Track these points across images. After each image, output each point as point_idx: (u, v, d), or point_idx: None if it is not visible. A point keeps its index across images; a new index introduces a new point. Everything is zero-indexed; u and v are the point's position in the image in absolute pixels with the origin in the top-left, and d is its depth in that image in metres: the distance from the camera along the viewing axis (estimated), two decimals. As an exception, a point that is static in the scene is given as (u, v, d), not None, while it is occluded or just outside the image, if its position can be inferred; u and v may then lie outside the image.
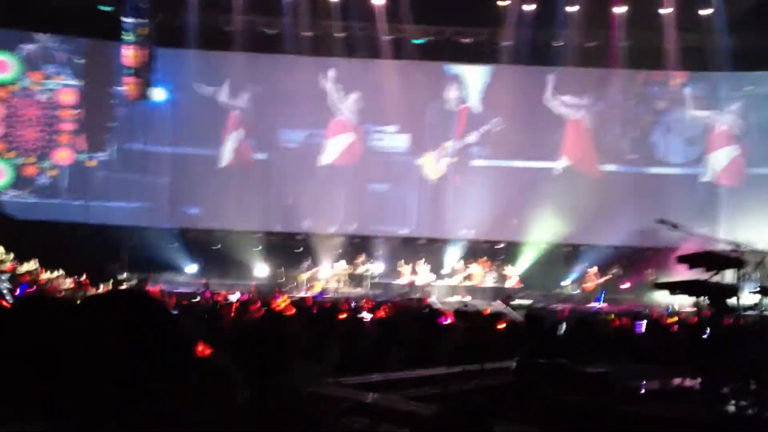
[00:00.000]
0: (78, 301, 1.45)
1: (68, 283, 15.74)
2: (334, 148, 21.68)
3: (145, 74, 19.39)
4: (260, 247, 20.87)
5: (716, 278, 6.16)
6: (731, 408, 4.96)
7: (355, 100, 21.51)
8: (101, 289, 15.10)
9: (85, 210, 20.22)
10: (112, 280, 16.71)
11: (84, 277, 16.23)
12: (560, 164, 21.52)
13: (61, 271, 16.13)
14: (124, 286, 15.58)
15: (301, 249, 20.89)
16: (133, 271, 18.68)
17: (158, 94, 20.69)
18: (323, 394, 4.28)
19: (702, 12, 20.04)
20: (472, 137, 21.52)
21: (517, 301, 17.42)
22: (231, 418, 1.57)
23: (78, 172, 20.57)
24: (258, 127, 21.53)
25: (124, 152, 20.74)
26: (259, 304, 9.44)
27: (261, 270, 20.64)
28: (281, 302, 8.91)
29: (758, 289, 7.47)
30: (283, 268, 20.37)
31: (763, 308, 7.64)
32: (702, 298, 6.02)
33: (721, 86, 21.40)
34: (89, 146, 20.71)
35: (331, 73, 21.45)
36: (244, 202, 20.74)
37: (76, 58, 20.69)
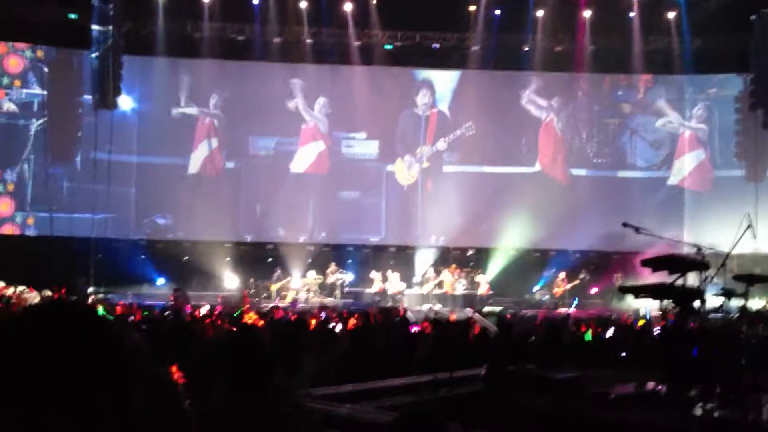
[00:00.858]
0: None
1: (34, 297, 15.41)
2: (303, 157, 21.61)
3: (111, 82, 19.15)
4: (230, 258, 20.71)
5: (680, 281, 6.25)
6: (698, 411, 5.04)
7: (324, 107, 21.48)
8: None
9: (49, 222, 19.91)
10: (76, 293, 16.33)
11: (49, 291, 15.90)
12: (534, 168, 21.66)
13: (24, 287, 15.73)
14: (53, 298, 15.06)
15: (272, 259, 20.77)
16: (100, 284, 18.42)
17: (125, 103, 20.46)
18: (294, 406, 4.27)
19: (667, 16, 20.38)
20: (443, 143, 21.60)
21: (487, 308, 17.47)
22: None
23: (41, 182, 20.26)
24: (227, 135, 21.40)
25: (90, 162, 20.47)
26: (220, 321, 9.32)
27: (231, 281, 20.47)
28: (249, 318, 8.82)
29: (722, 291, 7.57)
30: (253, 279, 20.23)
31: (728, 311, 7.75)
32: (667, 301, 6.09)
33: (686, 89, 21.74)
34: (54, 156, 20.43)
35: (301, 80, 21.42)
36: (213, 211, 20.56)
37: (42, 67, 20.45)
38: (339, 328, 8.69)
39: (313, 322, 9.10)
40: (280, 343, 6.50)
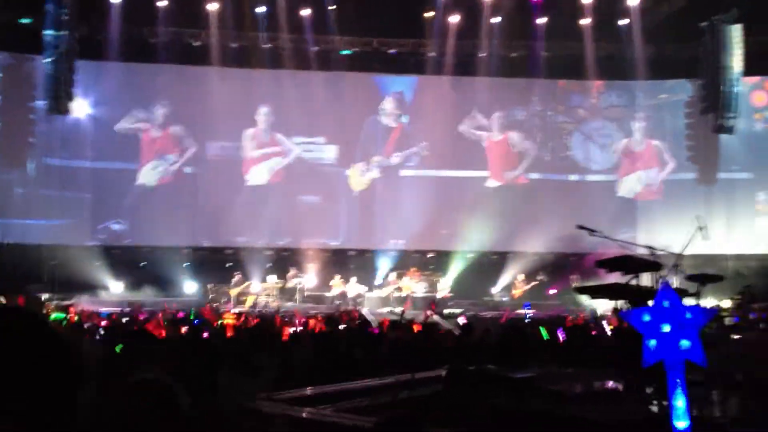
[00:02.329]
0: None
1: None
2: (260, 162, 21.51)
3: (65, 88, 18.84)
4: (188, 263, 20.52)
5: (634, 282, 6.40)
6: (654, 408, 5.16)
7: (279, 113, 21.41)
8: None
9: (3, 228, 19.49)
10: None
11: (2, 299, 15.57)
12: (487, 182, 21.91)
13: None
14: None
15: (231, 264, 20.63)
16: (55, 291, 18.09)
17: (79, 108, 20.14)
18: (256, 411, 4.28)
19: (619, 22, 20.77)
20: (397, 158, 21.72)
21: (447, 311, 17.59)
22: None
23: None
24: (184, 141, 21.19)
25: (44, 168, 20.12)
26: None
27: (190, 286, 20.29)
28: (228, 319, 8.77)
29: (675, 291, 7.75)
30: (212, 284, 20.06)
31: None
32: (621, 301, 6.23)
33: (637, 94, 22.17)
34: (6, 162, 20.03)
35: (258, 85, 21.34)
36: (170, 217, 20.38)
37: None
38: (300, 330, 8.69)
39: (275, 326, 9.09)
40: (242, 346, 6.49)
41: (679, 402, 4.03)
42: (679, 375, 3.95)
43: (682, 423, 4.07)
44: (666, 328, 3.96)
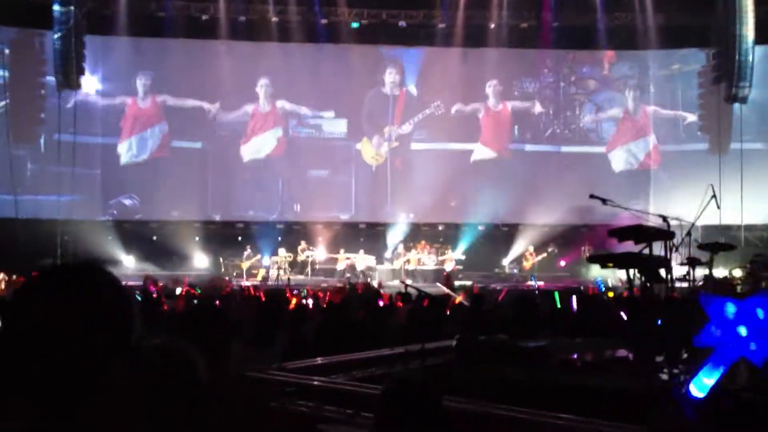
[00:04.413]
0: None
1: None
2: (262, 133, 21.47)
3: (74, 63, 18.83)
4: (199, 237, 20.61)
5: (646, 251, 6.37)
6: (664, 376, 5.17)
7: (289, 85, 21.32)
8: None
9: (14, 204, 19.58)
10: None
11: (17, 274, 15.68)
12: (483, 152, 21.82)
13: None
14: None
15: (241, 238, 20.72)
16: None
17: (88, 84, 20.13)
18: (267, 379, 4.30)
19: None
20: (409, 125, 21.63)
21: (458, 283, 17.63)
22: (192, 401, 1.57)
23: (5, 165, 19.91)
24: (195, 115, 21.15)
25: (54, 144, 20.18)
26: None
27: (201, 260, 20.40)
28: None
29: (687, 260, 7.73)
30: (222, 258, 20.17)
31: (693, 279, 7.92)
32: (633, 270, 6.20)
33: (650, 65, 21.94)
34: (17, 138, 20.09)
35: (267, 59, 21.24)
36: (181, 191, 20.44)
37: (3, 48, 20.03)
38: (311, 303, 8.73)
39: (286, 298, 9.13)
40: (253, 318, 6.52)
41: (711, 381, 4.04)
42: (727, 362, 3.96)
43: (700, 393, 4.09)
44: (742, 331, 3.94)
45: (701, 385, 4.10)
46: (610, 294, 11.79)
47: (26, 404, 1.30)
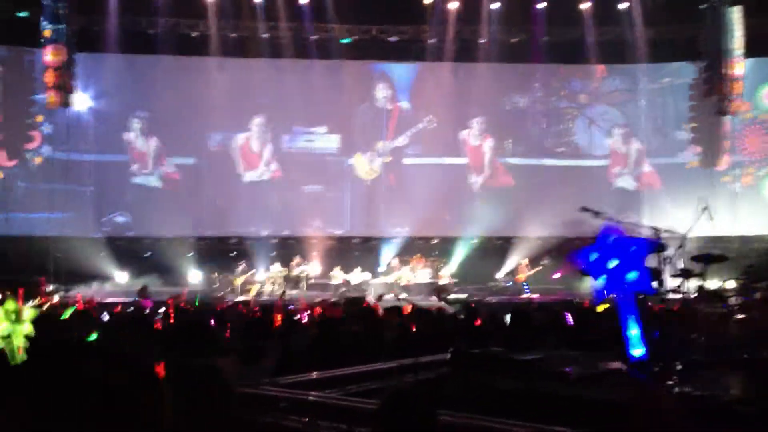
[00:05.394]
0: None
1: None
2: (261, 153, 21.49)
3: (65, 80, 18.83)
4: (192, 253, 20.56)
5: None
6: (658, 388, 5.15)
7: (279, 102, 21.35)
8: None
9: (5, 222, 19.51)
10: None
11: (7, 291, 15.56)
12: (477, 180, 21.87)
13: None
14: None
15: (235, 253, 20.68)
16: (60, 283, 18.15)
17: (80, 101, 20.13)
18: (260, 394, 4.28)
19: (619, 6, 20.67)
20: (404, 139, 21.68)
21: (452, 296, 17.60)
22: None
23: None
24: (185, 131, 21.14)
25: (46, 161, 20.14)
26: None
27: (195, 276, 20.34)
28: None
29: (680, 272, 7.75)
30: (216, 273, 20.12)
31: (686, 291, 7.94)
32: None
33: (640, 78, 22.07)
34: (8, 156, 20.04)
35: (257, 75, 21.27)
36: (174, 207, 20.41)
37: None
38: (305, 318, 8.70)
39: (279, 313, 9.09)
40: (245, 333, 6.50)
41: (633, 331, 4.11)
42: (630, 307, 4.01)
43: (638, 350, 4.14)
44: (613, 264, 4.03)
45: (634, 341, 4.16)
46: (600, 308, 11.80)
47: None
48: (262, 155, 21.41)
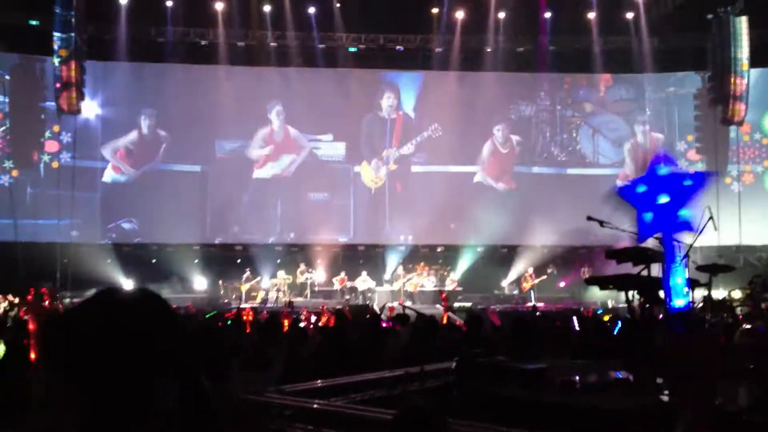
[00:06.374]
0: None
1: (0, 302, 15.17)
2: (274, 160, 21.56)
3: (75, 88, 18.94)
4: (198, 260, 20.60)
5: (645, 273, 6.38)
6: (664, 398, 5.15)
7: (290, 110, 21.44)
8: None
9: (13, 228, 19.59)
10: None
11: (15, 297, 15.65)
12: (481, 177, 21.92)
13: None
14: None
15: (241, 260, 20.71)
16: (67, 289, 18.20)
17: (88, 108, 20.23)
18: (265, 402, 4.30)
19: (625, 16, 20.72)
20: (410, 147, 21.72)
21: (457, 304, 17.60)
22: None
23: (5, 189, 19.97)
24: (192, 139, 21.22)
25: (54, 168, 20.24)
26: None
27: (200, 282, 20.38)
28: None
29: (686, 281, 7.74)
30: (222, 281, 20.15)
31: (692, 300, 7.92)
32: (632, 292, 6.21)
33: (646, 88, 22.09)
34: (18, 162, 20.16)
35: (265, 84, 21.37)
36: (180, 214, 20.45)
37: (4, 74, 20.18)
38: (311, 325, 8.71)
39: (285, 320, 9.11)
40: (251, 340, 6.52)
41: (678, 279, 3.93)
42: (676, 253, 3.81)
43: (680, 301, 4.00)
44: (663, 200, 3.71)
45: (678, 290, 4.04)
46: (606, 317, 11.79)
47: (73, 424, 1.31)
48: (278, 155, 21.52)
